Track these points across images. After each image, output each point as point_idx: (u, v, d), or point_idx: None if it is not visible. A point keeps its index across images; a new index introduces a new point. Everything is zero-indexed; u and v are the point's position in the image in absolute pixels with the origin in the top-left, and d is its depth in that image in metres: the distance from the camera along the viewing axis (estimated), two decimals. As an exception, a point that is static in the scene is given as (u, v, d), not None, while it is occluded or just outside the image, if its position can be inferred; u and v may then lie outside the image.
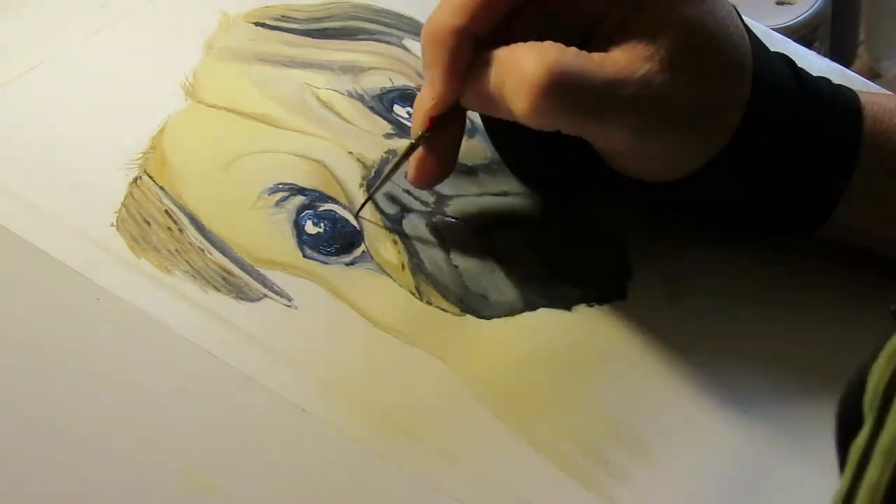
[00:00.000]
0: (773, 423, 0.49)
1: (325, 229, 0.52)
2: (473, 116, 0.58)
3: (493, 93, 0.46)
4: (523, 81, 0.44)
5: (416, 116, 0.49)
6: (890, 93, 0.53)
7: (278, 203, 0.52)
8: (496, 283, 0.52)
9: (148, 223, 0.51)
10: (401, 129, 0.57)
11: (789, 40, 0.64)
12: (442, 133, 0.49)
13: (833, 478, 0.48)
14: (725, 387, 0.50)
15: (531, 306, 0.51)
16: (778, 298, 0.53)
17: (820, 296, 0.53)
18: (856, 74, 0.64)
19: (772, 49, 0.50)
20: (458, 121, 0.50)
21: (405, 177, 0.53)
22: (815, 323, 0.52)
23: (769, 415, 0.49)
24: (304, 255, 0.51)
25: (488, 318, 0.51)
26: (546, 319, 0.51)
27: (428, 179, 0.51)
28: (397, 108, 0.58)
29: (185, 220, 0.51)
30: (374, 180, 0.54)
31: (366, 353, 0.48)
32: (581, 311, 0.51)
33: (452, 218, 0.53)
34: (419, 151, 0.50)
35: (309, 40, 0.60)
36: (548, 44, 0.45)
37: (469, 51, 0.47)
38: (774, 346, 0.51)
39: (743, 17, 0.49)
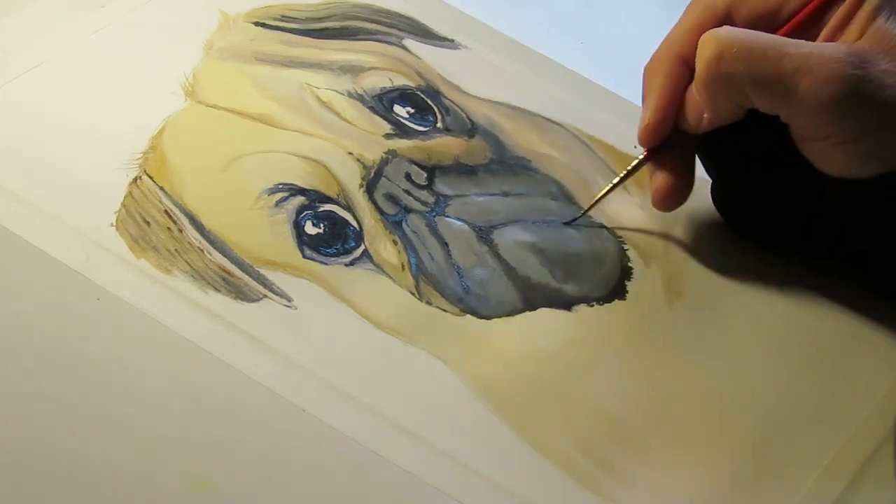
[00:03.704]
0: (774, 423, 0.49)
1: (324, 230, 0.52)
2: (472, 116, 0.58)
3: (696, 97, 0.50)
4: (702, 51, 0.48)
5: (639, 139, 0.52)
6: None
7: (278, 203, 0.52)
8: (496, 283, 0.52)
9: (148, 223, 0.51)
10: (400, 129, 0.57)
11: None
12: (670, 156, 0.52)
13: (833, 478, 0.48)
14: (725, 386, 0.50)
15: (531, 306, 0.51)
16: (778, 298, 0.53)
17: (820, 295, 0.53)
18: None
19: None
20: (687, 140, 0.52)
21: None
22: (816, 322, 0.52)
23: (769, 414, 0.49)
24: (304, 256, 0.51)
25: (488, 318, 0.51)
26: (546, 319, 0.51)
27: (669, 199, 0.53)
28: (397, 108, 0.58)
29: (184, 220, 0.51)
30: (375, 180, 0.54)
31: (366, 353, 0.48)
32: (581, 311, 0.51)
33: (452, 218, 0.53)
34: (657, 175, 0.53)
35: (309, 40, 0.60)
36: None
37: (684, 78, 0.50)
38: (774, 345, 0.51)
39: None
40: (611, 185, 0.54)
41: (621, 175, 0.54)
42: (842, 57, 0.46)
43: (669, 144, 0.52)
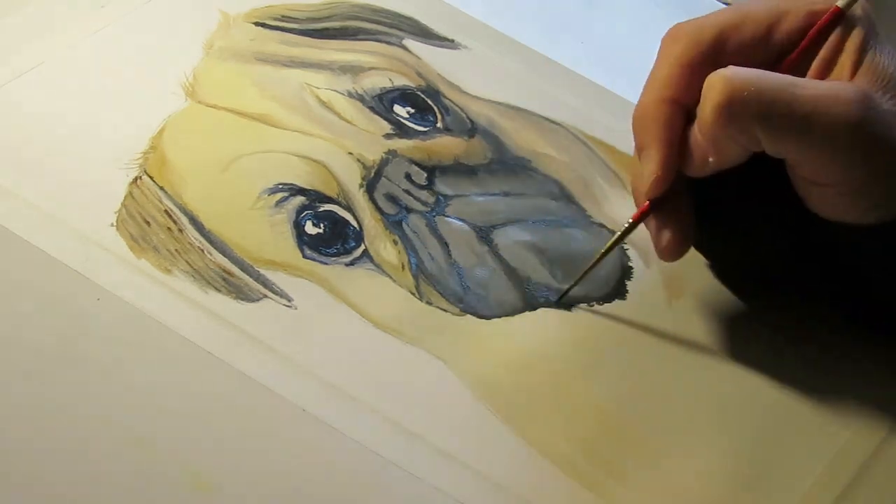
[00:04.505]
0: (773, 422, 0.49)
1: (324, 230, 0.52)
2: (472, 116, 0.58)
3: (700, 140, 0.47)
4: (709, 94, 0.45)
5: (635, 196, 0.49)
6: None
7: (278, 203, 0.52)
8: (496, 283, 0.52)
9: (148, 223, 0.51)
10: (400, 129, 0.57)
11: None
12: (671, 206, 0.49)
13: (833, 477, 0.48)
14: (725, 386, 0.50)
15: (531, 306, 0.51)
16: (777, 298, 0.53)
17: (821, 295, 0.53)
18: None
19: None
20: (684, 193, 0.49)
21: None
22: (815, 322, 0.52)
23: (769, 414, 0.49)
24: (304, 256, 0.51)
25: (488, 318, 0.51)
26: (546, 319, 0.51)
27: (678, 251, 0.50)
28: (397, 108, 0.58)
29: (184, 220, 0.51)
30: (375, 180, 0.54)
31: (366, 353, 0.48)
32: (581, 311, 0.51)
33: (452, 218, 0.53)
34: (663, 232, 0.49)
35: (309, 40, 0.60)
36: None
37: (681, 122, 0.48)
38: (774, 345, 0.51)
39: None
40: (607, 246, 0.51)
41: (617, 235, 0.50)
42: (853, 98, 0.45)
43: (670, 194, 0.49)
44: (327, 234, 0.52)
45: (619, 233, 0.50)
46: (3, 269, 0.48)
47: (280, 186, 0.53)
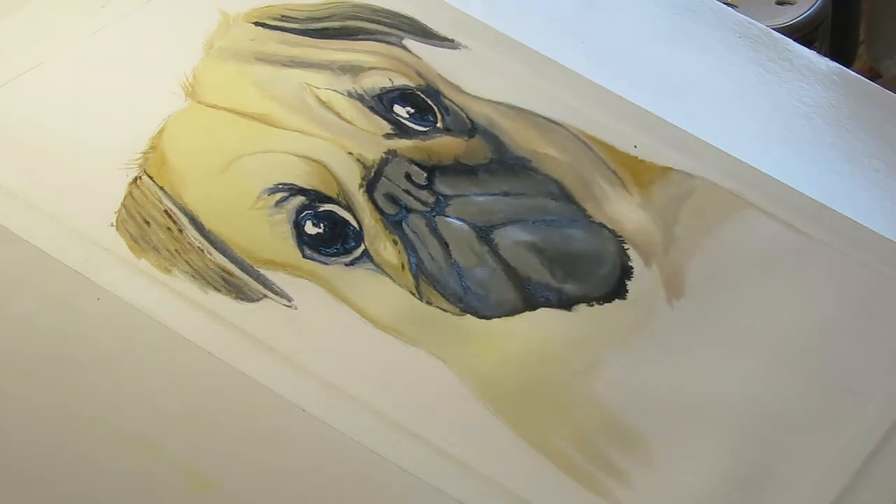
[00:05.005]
0: (774, 423, 0.49)
1: (324, 230, 0.52)
2: (472, 116, 0.58)
3: None
4: None
5: None
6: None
7: (278, 203, 0.52)
8: (496, 283, 0.52)
9: (148, 223, 0.51)
10: (400, 129, 0.57)
11: (789, 40, 0.64)
12: None
13: (833, 478, 0.48)
14: (725, 386, 0.50)
15: (531, 306, 0.51)
16: (779, 297, 0.53)
17: (821, 294, 0.53)
18: (856, 74, 0.64)
19: (772, 48, 0.49)
20: None
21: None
22: (817, 322, 0.52)
23: (769, 414, 0.49)
24: (304, 256, 0.51)
25: (488, 318, 0.51)
26: (546, 319, 0.51)
27: None
28: (397, 108, 0.58)
29: (184, 220, 0.51)
30: (375, 180, 0.54)
31: (366, 353, 0.48)
32: (581, 311, 0.51)
33: (452, 218, 0.53)
34: None
35: (309, 40, 0.60)
36: None
37: None
38: (775, 344, 0.51)
39: (743, 15, 0.48)
40: None
41: None
42: None
43: None
44: (327, 234, 0.52)
45: None
46: (3, 269, 0.48)
47: (280, 186, 0.53)
